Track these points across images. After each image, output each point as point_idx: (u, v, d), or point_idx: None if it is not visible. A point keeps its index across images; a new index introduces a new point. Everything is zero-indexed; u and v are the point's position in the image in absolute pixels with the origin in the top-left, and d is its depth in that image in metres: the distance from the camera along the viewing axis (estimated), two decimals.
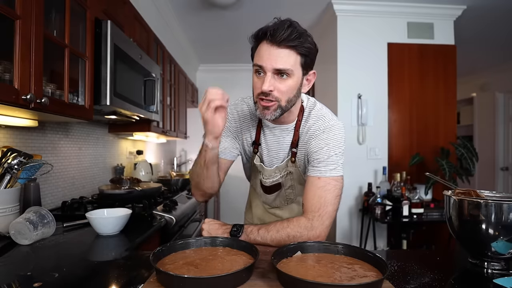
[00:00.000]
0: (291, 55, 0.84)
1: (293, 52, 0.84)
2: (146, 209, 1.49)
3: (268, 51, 0.84)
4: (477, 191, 0.88)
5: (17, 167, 1.13)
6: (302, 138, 0.99)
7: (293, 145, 1.00)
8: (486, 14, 2.92)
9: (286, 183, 1.07)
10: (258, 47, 0.88)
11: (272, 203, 1.14)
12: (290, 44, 0.83)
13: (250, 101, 1.07)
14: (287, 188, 1.08)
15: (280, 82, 0.86)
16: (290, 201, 1.12)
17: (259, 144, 1.05)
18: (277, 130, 1.02)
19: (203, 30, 3.43)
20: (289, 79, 0.86)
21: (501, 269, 0.81)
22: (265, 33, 0.85)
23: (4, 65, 0.99)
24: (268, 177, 1.06)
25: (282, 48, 0.83)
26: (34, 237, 1.02)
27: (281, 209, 1.14)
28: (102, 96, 1.38)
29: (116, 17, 1.63)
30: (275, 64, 0.84)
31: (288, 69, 0.84)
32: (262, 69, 0.86)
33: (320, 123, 0.97)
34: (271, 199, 1.12)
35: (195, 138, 4.65)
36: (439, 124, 2.89)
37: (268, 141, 1.04)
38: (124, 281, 0.75)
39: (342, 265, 0.71)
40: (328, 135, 0.95)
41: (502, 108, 4.61)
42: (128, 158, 2.58)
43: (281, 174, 1.05)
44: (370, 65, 2.84)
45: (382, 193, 2.55)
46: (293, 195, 1.11)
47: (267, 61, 0.84)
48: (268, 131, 1.04)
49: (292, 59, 0.84)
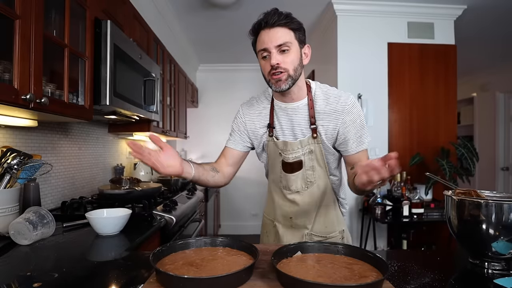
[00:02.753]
0: (285, 31, 0.99)
1: (286, 29, 0.99)
2: (146, 209, 1.49)
3: (267, 35, 0.99)
4: (478, 191, 0.88)
5: (17, 167, 1.13)
6: (320, 111, 1.07)
7: (312, 120, 1.07)
8: (486, 14, 2.92)
9: (307, 163, 1.10)
10: (257, 38, 1.03)
11: (293, 185, 1.14)
12: (281, 23, 0.98)
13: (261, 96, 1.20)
14: (307, 169, 1.11)
15: (283, 56, 0.99)
16: (310, 184, 1.12)
17: (274, 127, 1.13)
18: (289, 109, 1.09)
19: (203, 30, 3.42)
20: (290, 52, 1.00)
21: (501, 269, 0.81)
22: (259, 24, 1.02)
23: (4, 65, 0.99)
24: (291, 151, 1.09)
25: (277, 28, 0.99)
26: (33, 237, 1.02)
27: (301, 194, 1.13)
28: (102, 96, 1.38)
29: (116, 17, 1.62)
30: (276, 41, 0.98)
31: (287, 42, 0.99)
32: (266, 51, 1.00)
33: (343, 100, 1.07)
34: (292, 179, 1.13)
35: (195, 138, 4.66)
36: (439, 124, 2.89)
37: (281, 120, 1.11)
38: (124, 281, 0.75)
39: (342, 266, 0.71)
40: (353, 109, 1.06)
41: (502, 108, 4.61)
42: (128, 158, 2.58)
43: (303, 151, 1.09)
44: (370, 65, 2.84)
45: (382, 193, 2.55)
46: (313, 177, 1.11)
47: (268, 42, 0.99)
48: (280, 112, 1.11)
49: (287, 34, 0.99)
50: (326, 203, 1.16)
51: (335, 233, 1.17)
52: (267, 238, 1.26)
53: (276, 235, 1.21)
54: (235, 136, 1.20)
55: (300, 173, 1.11)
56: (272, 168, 1.19)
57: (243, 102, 1.24)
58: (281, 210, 1.19)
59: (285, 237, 1.18)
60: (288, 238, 1.17)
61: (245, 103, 1.23)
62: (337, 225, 1.18)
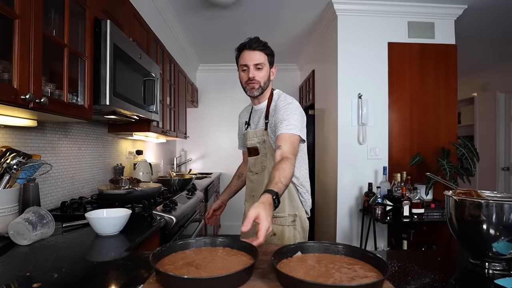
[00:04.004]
0: (261, 55, 1.37)
1: (263, 53, 1.37)
2: (146, 209, 1.49)
3: (249, 55, 1.37)
4: (478, 191, 0.87)
5: (16, 167, 1.13)
6: (271, 112, 1.40)
7: (266, 117, 1.42)
8: (487, 13, 2.91)
9: (261, 150, 1.43)
10: (240, 55, 1.41)
11: (253, 167, 1.47)
12: (260, 49, 1.37)
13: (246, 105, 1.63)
14: (262, 155, 1.43)
15: (258, 72, 1.37)
16: (263, 168, 1.42)
17: (249, 124, 1.52)
18: (257, 110, 1.49)
19: (203, 30, 3.42)
20: (262, 70, 1.38)
21: (502, 269, 0.81)
22: (245, 45, 1.39)
23: (3, 64, 0.98)
24: (249, 139, 1.47)
25: (256, 51, 1.36)
26: (33, 238, 1.01)
27: (258, 175, 1.44)
28: (101, 96, 1.38)
29: (115, 17, 1.62)
30: (254, 61, 1.36)
31: (261, 63, 1.37)
32: (246, 66, 1.37)
33: (282, 99, 1.40)
34: (252, 163, 1.48)
35: (195, 138, 4.66)
36: (439, 124, 2.88)
37: (253, 118, 1.51)
38: (123, 282, 0.75)
39: (343, 266, 0.71)
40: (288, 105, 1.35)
41: (503, 108, 4.60)
42: (127, 158, 2.57)
43: (258, 140, 1.43)
44: (371, 65, 2.84)
45: (383, 193, 2.54)
46: (266, 162, 1.41)
47: (249, 60, 1.36)
48: (254, 113, 1.52)
49: (262, 57, 1.37)
50: None
51: (283, 214, 1.37)
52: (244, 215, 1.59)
53: (244, 211, 1.57)
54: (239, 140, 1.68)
55: (258, 157, 1.44)
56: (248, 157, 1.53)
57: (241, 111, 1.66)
58: (248, 188, 1.52)
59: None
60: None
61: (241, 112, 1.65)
62: (288, 208, 1.37)
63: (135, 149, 2.70)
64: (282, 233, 1.36)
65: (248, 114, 1.55)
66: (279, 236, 1.36)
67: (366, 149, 2.83)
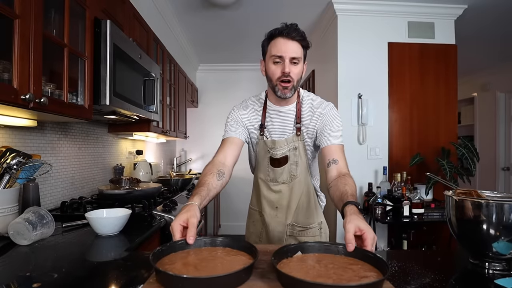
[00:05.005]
0: (299, 48, 1.14)
1: (300, 46, 1.14)
2: (146, 209, 1.49)
3: (285, 45, 1.11)
4: (478, 191, 0.87)
5: (16, 167, 1.13)
6: (306, 116, 1.24)
7: (298, 121, 1.24)
8: (487, 13, 2.91)
9: (291, 158, 1.25)
10: (273, 42, 1.14)
11: (280, 177, 1.28)
12: (299, 39, 1.12)
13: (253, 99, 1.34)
14: (292, 163, 1.26)
15: (294, 67, 1.14)
16: (294, 177, 1.27)
17: (265, 127, 1.27)
18: (282, 111, 1.26)
19: (203, 29, 3.42)
20: (299, 65, 1.15)
21: (502, 269, 0.80)
22: (281, 31, 1.12)
23: (3, 64, 0.98)
24: (279, 148, 1.25)
25: (294, 41, 1.12)
26: (33, 238, 1.01)
27: (287, 185, 1.28)
28: (101, 96, 1.38)
29: (115, 17, 1.62)
30: (291, 53, 1.12)
31: (299, 57, 1.14)
32: (281, 59, 1.13)
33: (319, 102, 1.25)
34: (279, 172, 1.28)
35: (195, 138, 4.66)
36: (439, 124, 2.88)
37: (274, 121, 1.27)
38: (123, 282, 0.75)
39: (343, 266, 0.71)
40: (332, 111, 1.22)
41: (503, 108, 4.60)
42: (127, 158, 2.57)
43: (288, 147, 1.24)
44: (371, 65, 2.84)
45: (383, 193, 2.54)
46: (296, 171, 1.27)
47: (285, 52, 1.12)
48: (274, 114, 1.27)
49: (300, 50, 1.14)
50: (307, 196, 1.31)
51: (314, 225, 1.33)
52: (254, 227, 1.40)
53: (264, 223, 1.35)
54: (231, 127, 1.28)
55: (286, 167, 1.27)
56: (260, 164, 1.32)
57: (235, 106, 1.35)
58: (267, 200, 1.32)
59: (271, 224, 1.32)
60: (273, 225, 1.32)
61: (238, 105, 1.35)
62: (316, 217, 1.34)
63: (135, 149, 2.70)
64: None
65: (260, 115, 1.28)
66: None
67: (366, 149, 2.83)
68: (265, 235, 1.35)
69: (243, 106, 1.32)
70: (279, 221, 1.31)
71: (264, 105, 1.28)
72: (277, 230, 1.31)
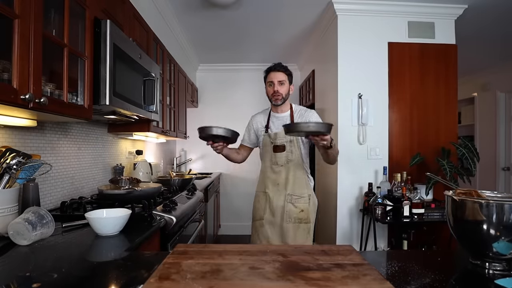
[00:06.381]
0: (284, 75, 1.87)
1: (284, 74, 1.87)
2: (146, 209, 1.49)
3: (274, 74, 1.87)
4: (478, 191, 0.87)
5: (16, 167, 1.13)
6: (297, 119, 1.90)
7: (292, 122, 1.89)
8: (487, 13, 2.91)
9: (287, 148, 1.88)
10: (268, 75, 1.90)
11: (280, 160, 1.89)
12: (282, 70, 1.87)
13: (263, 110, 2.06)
14: (288, 151, 1.88)
15: (281, 87, 1.87)
16: (289, 161, 1.88)
17: (269, 127, 1.95)
18: (280, 117, 1.94)
19: (203, 29, 3.42)
20: (285, 85, 1.88)
21: (502, 269, 0.80)
22: (271, 68, 1.89)
23: (3, 64, 0.98)
24: (279, 139, 1.88)
25: (280, 72, 1.87)
26: (33, 238, 1.01)
27: (283, 167, 1.89)
28: (101, 96, 1.38)
29: (115, 17, 1.62)
30: (278, 78, 1.86)
31: (283, 80, 1.87)
32: (272, 83, 1.87)
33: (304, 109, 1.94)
34: (279, 156, 1.89)
35: (195, 138, 4.64)
36: (440, 124, 2.88)
37: (275, 124, 1.94)
38: (123, 282, 0.75)
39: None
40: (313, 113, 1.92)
41: (503, 108, 4.60)
42: (127, 158, 2.57)
43: (286, 139, 1.87)
44: (371, 65, 2.84)
45: (383, 193, 2.54)
46: (291, 156, 1.88)
47: (274, 78, 1.87)
48: (275, 119, 1.95)
49: (284, 76, 1.87)
50: (299, 174, 1.89)
51: (305, 195, 1.89)
52: (259, 204, 1.96)
53: (267, 198, 1.91)
54: (244, 135, 2.06)
55: (284, 153, 1.88)
56: (265, 153, 1.96)
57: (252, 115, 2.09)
58: (271, 180, 1.92)
59: (274, 198, 1.89)
60: (275, 198, 1.89)
61: (254, 115, 2.07)
62: (306, 190, 1.90)
63: (135, 149, 2.70)
64: (307, 209, 1.87)
65: (266, 120, 1.97)
66: (305, 211, 1.87)
67: (366, 149, 2.83)
68: (268, 207, 1.90)
69: (257, 115, 2.05)
70: (280, 193, 1.88)
71: (269, 114, 1.99)
72: (279, 200, 1.88)
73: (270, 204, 1.88)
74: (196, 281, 0.67)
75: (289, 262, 0.78)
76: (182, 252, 0.85)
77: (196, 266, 0.75)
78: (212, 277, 0.69)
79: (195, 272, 0.72)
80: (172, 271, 0.72)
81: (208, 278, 0.68)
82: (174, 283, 0.65)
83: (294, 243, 1.81)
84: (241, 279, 0.68)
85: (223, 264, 0.77)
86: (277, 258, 0.81)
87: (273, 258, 0.80)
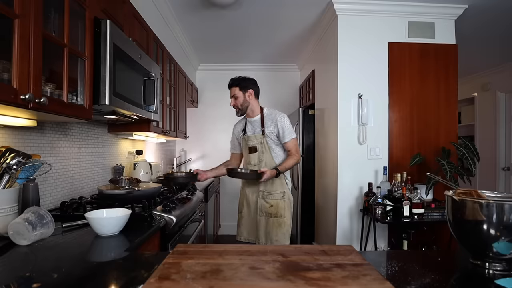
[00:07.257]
0: (234, 89, 2.11)
1: (234, 87, 2.11)
2: (146, 209, 1.49)
3: (229, 91, 2.15)
4: (479, 191, 0.87)
5: (16, 167, 1.13)
6: (267, 123, 2.10)
7: (262, 126, 2.10)
8: (487, 13, 2.91)
9: (259, 149, 2.10)
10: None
11: (252, 160, 2.13)
12: (233, 85, 2.12)
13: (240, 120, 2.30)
14: (259, 152, 2.10)
15: (234, 100, 2.13)
16: (261, 161, 2.10)
17: (245, 131, 2.19)
18: (252, 121, 2.16)
19: (203, 30, 3.42)
20: (238, 98, 2.11)
21: (502, 269, 0.80)
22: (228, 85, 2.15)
23: (3, 64, 0.98)
24: (251, 141, 2.13)
25: (231, 88, 2.13)
26: (33, 238, 1.01)
27: (256, 167, 2.09)
28: (101, 96, 1.37)
29: (115, 17, 1.62)
30: (231, 94, 2.13)
31: (235, 94, 2.11)
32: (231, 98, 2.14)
33: (273, 113, 2.13)
34: (252, 157, 2.13)
35: (195, 138, 4.66)
36: (440, 124, 2.88)
37: (249, 127, 2.18)
38: (123, 282, 0.75)
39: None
40: (281, 118, 2.09)
41: (503, 108, 4.60)
42: (127, 158, 2.57)
43: (257, 141, 2.11)
44: (371, 65, 2.83)
45: (383, 193, 2.54)
46: (262, 157, 2.10)
47: (230, 94, 2.14)
48: (249, 123, 2.18)
49: (235, 90, 2.11)
50: None
51: (277, 192, 2.08)
52: (240, 199, 2.27)
53: (245, 195, 2.20)
54: (231, 144, 2.35)
55: (256, 154, 2.11)
56: (245, 154, 2.21)
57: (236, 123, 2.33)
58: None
59: (249, 194, 2.17)
60: (250, 194, 2.16)
61: (235, 124, 2.31)
62: (280, 187, 2.09)
63: (135, 149, 2.70)
64: (277, 204, 2.06)
65: (243, 125, 2.22)
66: (275, 207, 2.06)
67: (366, 149, 2.83)
68: (245, 202, 2.19)
69: (237, 123, 2.31)
70: (254, 190, 2.14)
71: (245, 119, 2.21)
72: (253, 196, 2.15)
73: (247, 200, 2.18)
74: (196, 281, 0.67)
75: (289, 262, 0.78)
76: (182, 252, 0.85)
77: (196, 266, 0.75)
78: (212, 277, 0.69)
79: (195, 272, 0.72)
80: (172, 271, 0.71)
81: (208, 278, 0.68)
82: (174, 283, 0.65)
83: (265, 233, 2.08)
84: (241, 279, 0.68)
85: (223, 264, 0.77)
86: (277, 258, 0.81)
87: (273, 258, 0.80)
